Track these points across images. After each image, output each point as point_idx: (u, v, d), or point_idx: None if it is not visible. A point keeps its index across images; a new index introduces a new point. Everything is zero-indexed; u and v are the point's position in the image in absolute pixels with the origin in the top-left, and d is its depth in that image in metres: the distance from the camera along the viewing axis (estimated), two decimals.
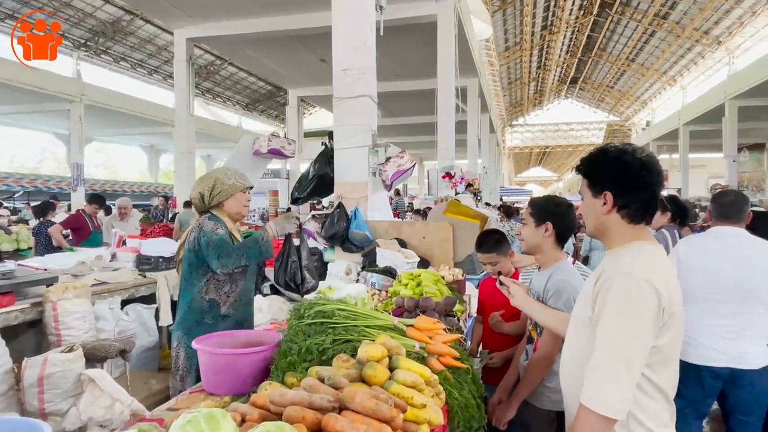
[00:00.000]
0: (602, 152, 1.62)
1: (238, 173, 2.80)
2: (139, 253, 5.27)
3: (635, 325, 1.37)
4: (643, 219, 1.56)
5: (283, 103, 27.15)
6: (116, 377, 4.23)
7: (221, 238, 2.57)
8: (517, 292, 2.10)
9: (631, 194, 1.53)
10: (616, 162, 1.56)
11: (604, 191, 1.56)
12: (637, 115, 39.90)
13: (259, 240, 2.63)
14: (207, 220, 2.64)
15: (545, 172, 72.80)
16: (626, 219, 1.55)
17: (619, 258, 1.50)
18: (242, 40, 11.96)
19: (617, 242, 1.57)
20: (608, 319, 1.40)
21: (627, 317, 1.38)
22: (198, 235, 2.61)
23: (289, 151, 5.20)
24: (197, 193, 2.72)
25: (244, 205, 2.79)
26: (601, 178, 1.58)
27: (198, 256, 2.61)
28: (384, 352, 1.50)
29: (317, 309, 1.87)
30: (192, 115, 11.80)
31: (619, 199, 1.54)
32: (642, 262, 1.45)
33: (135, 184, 25.20)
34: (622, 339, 1.37)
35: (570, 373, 1.62)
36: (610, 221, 1.57)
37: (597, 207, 1.58)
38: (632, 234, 1.56)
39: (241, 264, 2.61)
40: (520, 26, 25.12)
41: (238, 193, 2.73)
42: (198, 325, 2.60)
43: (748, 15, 19.84)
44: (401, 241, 4.13)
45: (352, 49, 4.55)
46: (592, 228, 1.65)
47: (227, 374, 1.86)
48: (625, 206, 1.54)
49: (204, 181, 2.74)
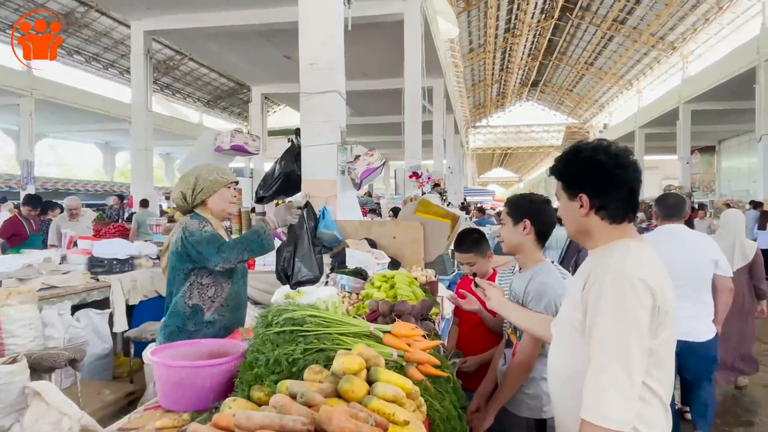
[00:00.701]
0: (574, 152, 1.54)
1: (219, 169, 2.63)
2: (91, 255, 4.99)
3: (632, 328, 1.28)
4: (624, 218, 1.49)
5: (246, 100, 26.61)
6: (66, 388, 3.97)
7: (212, 234, 2.42)
8: (493, 294, 2.01)
9: (608, 194, 1.46)
10: (589, 162, 1.48)
11: (579, 194, 1.49)
12: (594, 118, 40.97)
13: (260, 233, 2.49)
14: (190, 219, 2.47)
15: (507, 173, 74.07)
16: (607, 220, 1.48)
17: (606, 257, 1.42)
18: (204, 35, 11.59)
19: (600, 243, 1.50)
20: (603, 324, 1.31)
21: (623, 320, 1.29)
22: (181, 235, 2.42)
23: (253, 148, 4.99)
24: (179, 193, 2.55)
25: (230, 202, 2.62)
26: (575, 180, 1.51)
27: (181, 258, 2.44)
28: (362, 363, 1.37)
29: (286, 316, 1.72)
30: (150, 110, 11.36)
31: (595, 200, 1.47)
32: (632, 259, 1.37)
33: (89, 183, 24.14)
34: (620, 344, 1.28)
35: (562, 381, 1.53)
36: (590, 223, 1.50)
37: (574, 210, 1.51)
38: (615, 234, 1.48)
39: (243, 258, 2.45)
40: (484, 28, 25.37)
41: (222, 188, 2.56)
42: (180, 332, 2.42)
43: (702, 22, 20.61)
44: (371, 242, 4.01)
45: (320, 42, 4.40)
46: (573, 231, 1.57)
47: (186, 389, 1.69)
48: (603, 207, 1.47)
49: (185, 180, 2.57)
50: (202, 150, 4.99)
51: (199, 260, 2.41)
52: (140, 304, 4.95)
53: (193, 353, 1.96)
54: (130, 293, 4.86)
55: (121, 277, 4.84)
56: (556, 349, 1.57)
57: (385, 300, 2.29)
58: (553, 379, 1.59)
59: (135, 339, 4.28)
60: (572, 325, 1.45)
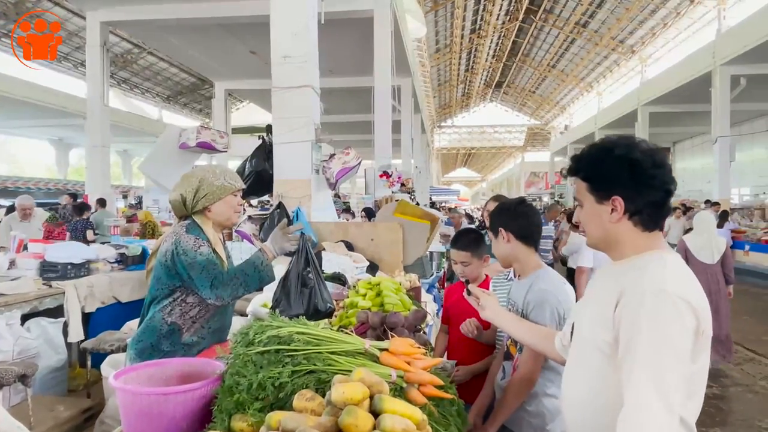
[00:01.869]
0: (605, 149, 1.36)
1: (228, 172, 2.34)
2: (43, 260, 4.61)
3: (675, 357, 1.14)
4: (657, 225, 1.33)
5: (208, 96, 25.92)
6: (16, 405, 3.64)
7: (208, 260, 2.13)
8: (488, 303, 1.85)
9: (645, 197, 1.30)
10: (625, 160, 1.31)
11: (612, 196, 1.31)
12: (556, 119, 41.85)
13: (257, 265, 2.20)
14: (185, 233, 2.18)
15: (470, 173, 74.99)
16: (639, 226, 1.32)
17: (640, 271, 1.25)
18: (164, 27, 11.10)
19: (629, 253, 1.34)
20: (642, 352, 1.14)
21: (665, 347, 1.13)
22: (174, 249, 2.15)
23: (221, 146, 4.73)
24: (178, 195, 2.26)
25: (236, 211, 2.34)
26: (607, 181, 1.33)
27: (169, 273, 2.18)
28: (365, 392, 1.19)
29: (271, 333, 1.53)
30: (107, 105, 10.81)
31: (630, 204, 1.30)
32: (671, 275, 1.21)
33: (42, 181, 22.96)
34: (662, 376, 1.12)
35: (585, 412, 1.34)
36: (620, 230, 1.33)
37: (603, 215, 1.34)
38: (647, 243, 1.32)
39: (238, 295, 2.17)
40: (450, 28, 25.49)
41: (228, 196, 2.28)
42: (153, 350, 2.16)
43: (660, 26, 21.24)
44: (348, 244, 3.82)
45: (292, 34, 4.18)
46: (597, 239, 1.39)
47: (154, 419, 1.48)
48: (638, 212, 1.31)
49: (187, 181, 2.28)
50: (166, 147, 4.70)
51: (188, 284, 2.17)
52: (97, 312, 4.61)
53: (160, 375, 1.74)
54: (87, 300, 4.52)
55: (77, 283, 4.49)
56: (577, 373, 1.39)
57: (376, 311, 2.12)
58: (573, 409, 1.40)
59: (93, 350, 3.96)
60: (599, 347, 1.28)
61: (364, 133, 13.09)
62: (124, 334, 4.14)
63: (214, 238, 2.28)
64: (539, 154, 49.22)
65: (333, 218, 4.59)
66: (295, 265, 2.26)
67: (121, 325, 4.42)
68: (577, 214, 1.44)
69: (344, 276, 3.18)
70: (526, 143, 49.41)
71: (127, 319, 4.53)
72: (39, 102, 17.43)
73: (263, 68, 14.87)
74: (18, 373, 3.28)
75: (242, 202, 2.44)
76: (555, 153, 38.42)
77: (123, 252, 5.25)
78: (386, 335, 1.90)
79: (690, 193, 27.03)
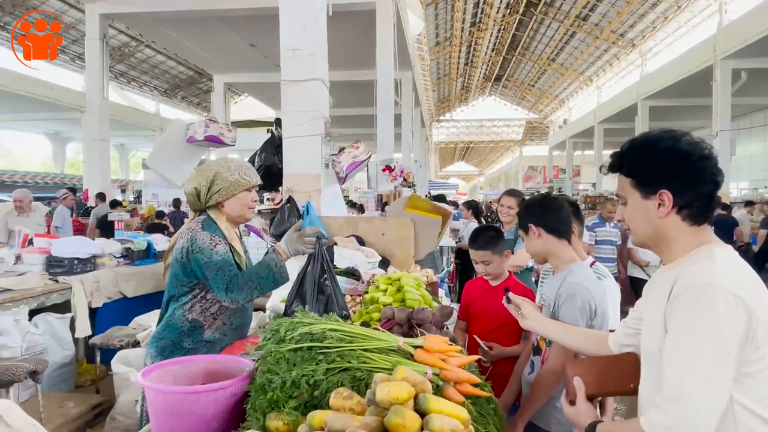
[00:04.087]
0: (649, 142, 1.34)
1: (244, 167, 2.29)
2: (49, 254, 4.57)
3: (719, 348, 1.11)
4: (706, 218, 1.29)
5: (206, 90, 25.77)
6: (25, 401, 3.60)
7: (224, 260, 2.10)
8: (529, 312, 1.81)
9: (695, 190, 1.26)
10: (672, 153, 1.28)
11: (660, 190, 1.28)
12: (555, 113, 41.77)
13: (271, 267, 2.15)
14: (201, 231, 2.15)
15: (468, 167, 74.89)
16: (688, 221, 1.28)
17: (691, 267, 1.22)
18: (162, 19, 10.98)
19: (680, 251, 1.30)
20: (683, 347, 1.13)
21: (707, 337, 1.11)
22: (189, 247, 2.12)
23: (228, 139, 4.67)
24: (192, 188, 2.23)
25: (249, 207, 2.30)
26: (654, 175, 1.30)
27: (185, 271, 2.15)
28: (411, 391, 1.16)
29: (303, 330, 1.50)
30: (106, 99, 10.72)
31: (679, 198, 1.27)
32: (720, 268, 1.18)
33: (38, 175, 22.85)
34: (703, 372, 1.10)
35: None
36: (669, 226, 1.30)
37: (650, 210, 1.31)
38: (696, 238, 1.29)
39: (253, 297, 2.13)
40: (450, 21, 25.35)
41: (242, 192, 2.24)
42: (175, 348, 2.13)
43: (661, 20, 21.17)
44: (359, 239, 3.79)
45: (300, 27, 4.13)
46: (644, 236, 1.36)
47: (185, 418, 1.45)
48: (687, 206, 1.27)
49: (201, 174, 2.24)
50: (172, 141, 4.65)
51: (204, 282, 2.15)
52: (104, 307, 4.58)
53: (185, 373, 1.71)
54: (93, 295, 4.49)
55: (83, 278, 4.46)
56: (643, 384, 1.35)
57: (402, 307, 2.09)
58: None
59: (102, 346, 3.93)
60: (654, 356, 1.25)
61: (364, 126, 13.01)
62: (132, 329, 4.11)
63: (229, 234, 2.24)
64: (537, 148, 49.20)
65: (342, 213, 4.55)
66: (312, 270, 2.19)
67: (127, 320, 4.39)
68: (620, 212, 1.41)
69: (358, 271, 3.15)
70: (524, 137, 49.36)
71: (132, 314, 4.49)
72: (35, 95, 17.23)
73: (262, 61, 14.86)
74: (29, 369, 3.25)
75: (256, 198, 2.38)
76: (553, 147, 38.39)
77: (128, 247, 5.22)
78: (413, 332, 1.87)
79: None
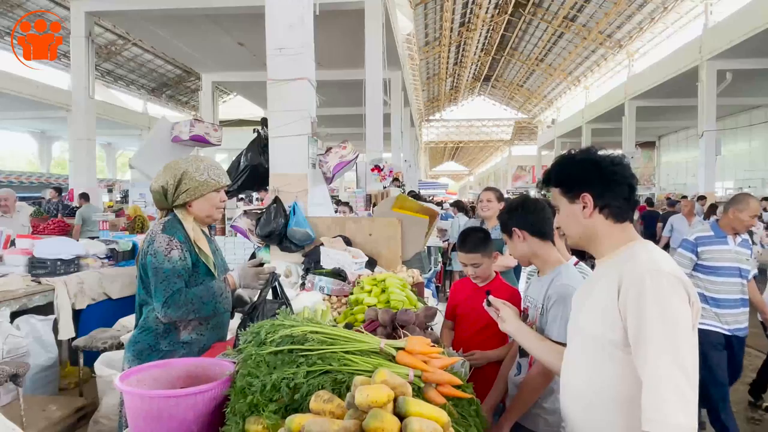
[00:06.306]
0: (568, 157, 1.56)
1: (213, 167, 2.24)
2: (31, 255, 4.51)
3: (681, 328, 1.24)
4: (627, 216, 1.48)
5: (194, 88, 25.60)
6: (5, 405, 3.55)
7: (173, 270, 2.05)
8: (508, 316, 1.82)
9: (611, 191, 1.46)
10: (586, 162, 1.50)
11: (581, 194, 1.48)
12: (543, 113, 41.99)
13: (216, 295, 2.12)
14: (161, 233, 2.10)
15: (457, 167, 75.07)
16: (611, 219, 1.47)
17: (632, 258, 1.36)
18: (150, 17, 10.88)
19: (609, 246, 1.47)
20: (653, 329, 1.24)
21: (672, 321, 1.24)
22: (146, 248, 2.09)
23: (214, 139, 4.63)
24: (159, 186, 2.18)
25: (217, 207, 2.26)
26: (575, 181, 1.51)
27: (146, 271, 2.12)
28: (389, 394, 1.15)
29: (284, 333, 1.48)
30: (92, 98, 10.58)
31: (599, 199, 1.46)
32: (659, 257, 1.34)
33: (23, 174, 22.53)
34: (674, 347, 1.22)
35: (581, 402, 1.44)
36: (595, 224, 1.48)
37: (577, 213, 1.50)
38: (622, 234, 1.47)
39: (188, 318, 2.09)
40: (440, 21, 25.37)
41: (211, 192, 2.20)
42: (152, 351, 2.10)
43: (648, 21, 21.35)
44: (346, 239, 3.78)
45: (287, 25, 4.10)
46: (576, 236, 1.53)
47: (164, 422, 1.43)
48: (607, 205, 1.46)
49: (168, 173, 2.18)
50: (158, 140, 4.60)
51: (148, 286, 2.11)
52: (88, 309, 4.53)
53: (165, 377, 1.69)
54: (77, 297, 4.43)
55: (67, 279, 4.40)
56: (575, 364, 1.48)
57: (383, 308, 2.08)
58: (569, 398, 1.49)
59: (85, 348, 3.88)
60: (597, 340, 1.38)
61: (352, 126, 12.98)
62: (116, 331, 4.07)
63: (196, 234, 2.20)
64: (526, 147, 49.42)
65: (330, 213, 4.53)
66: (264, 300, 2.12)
67: (112, 322, 4.34)
68: (557, 220, 1.58)
69: (344, 272, 3.13)
70: (513, 137, 49.57)
71: (118, 315, 4.45)
72: (20, 93, 16.99)
73: (251, 60, 14.77)
74: (9, 372, 3.20)
75: (225, 199, 2.34)
76: (542, 147, 38.58)
77: (113, 247, 5.16)
78: (396, 333, 1.86)
79: (675, 186, 27.36)
